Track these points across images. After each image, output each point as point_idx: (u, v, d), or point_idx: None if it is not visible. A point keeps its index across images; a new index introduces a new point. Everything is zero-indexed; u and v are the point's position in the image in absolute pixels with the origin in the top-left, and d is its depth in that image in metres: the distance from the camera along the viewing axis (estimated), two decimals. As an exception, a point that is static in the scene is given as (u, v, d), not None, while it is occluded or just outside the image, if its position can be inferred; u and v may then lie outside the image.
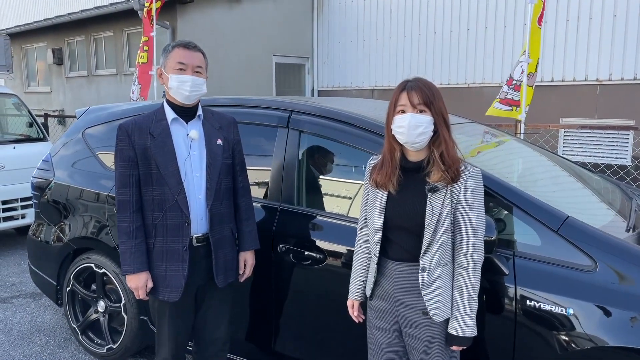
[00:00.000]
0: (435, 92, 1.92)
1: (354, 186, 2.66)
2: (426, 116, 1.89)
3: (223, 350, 2.55)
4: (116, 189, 2.29)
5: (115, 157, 2.29)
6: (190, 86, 2.22)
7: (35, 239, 3.73)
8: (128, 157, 2.25)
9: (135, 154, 2.24)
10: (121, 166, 2.26)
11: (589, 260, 1.99)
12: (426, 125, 1.88)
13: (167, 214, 2.25)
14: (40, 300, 4.37)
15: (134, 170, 2.26)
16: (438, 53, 9.18)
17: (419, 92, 1.89)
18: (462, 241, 1.90)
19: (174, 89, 2.24)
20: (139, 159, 2.25)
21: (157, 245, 2.28)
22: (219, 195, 2.35)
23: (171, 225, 2.26)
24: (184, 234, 2.26)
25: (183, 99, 2.26)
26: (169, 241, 2.27)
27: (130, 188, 2.26)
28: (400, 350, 2.06)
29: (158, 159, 2.23)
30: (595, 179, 3.22)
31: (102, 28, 10.57)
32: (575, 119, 7.72)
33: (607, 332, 1.90)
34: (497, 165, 2.77)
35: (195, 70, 2.25)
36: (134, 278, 2.27)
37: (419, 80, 1.95)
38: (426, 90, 1.90)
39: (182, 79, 2.22)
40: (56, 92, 12.35)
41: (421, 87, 1.91)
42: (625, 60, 7.32)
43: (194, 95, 2.26)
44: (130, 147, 2.24)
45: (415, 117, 1.88)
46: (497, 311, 2.09)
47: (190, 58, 2.25)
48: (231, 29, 9.36)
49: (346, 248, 2.43)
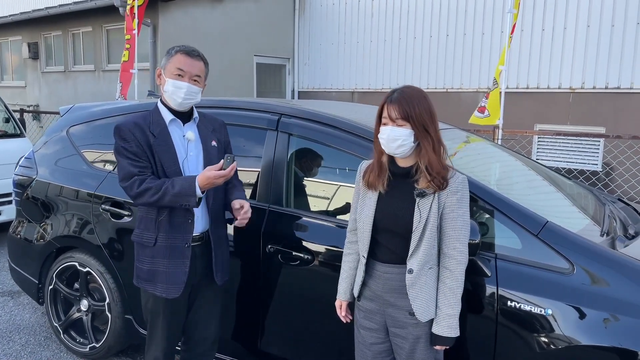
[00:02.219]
0: (416, 105, 1.94)
1: (342, 189, 2.72)
2: (405, 129, 1.94)
3: (212, 350, 2.58)
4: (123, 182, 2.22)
5: (119, 155, 2.25)
6: (185, 93, 2.25)
7: (15, 236, 3.69)
8: (135, 152, 2.22)
9: (143, 150, 2.23)
10: (128, 161, 2.21)
11: (567, 263, 2.09)
12: (404, 139, 1.94)
13: (173, 211, 2.27)
14: (18, 299, 4.32)
15: (144, 161, 2.22)
16: (417, 58, 9.33)
17: (398, 106, 1.94)
18: (447, 245, 1.98)
19: (168, 93, 2.27)
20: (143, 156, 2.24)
21: (160, 241, 2.30)
22: (216, 196, 2.40)
23: (174, 221, 2.28)
24: (187, 231, 2.30)
25: (176, 105, 2.29)
26: (172, 237, 2.29)
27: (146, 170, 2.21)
28: (386, 349, 2.13)
29: (162, 157, 2.25)
30: (570, 185, 3.35)
31: (81, 23, 10.41)
32: (548, 125, 7.94)
33: (582, 332, 2.00)
34: (476, 169, 2.86)
35: (193, 78, 2.27)
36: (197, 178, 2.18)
37: (404, 91, 1.98)
38: (405, 104, 1.93)
39: (178, 85, 2.24)
40: (31, 86, 12.10)
41: (401, 100, 1.95)
42: (597, 69, 7.57)
43: (186, 103, 2.29)
44: (136, 144, 2.22)
45: (393, 130, 1.95)
46: (479, 311, 2.18)
47: (190, 66, 2.26)
48: (213, 29, 9.34)
49: (334, 249, 2.49)
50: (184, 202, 2.16)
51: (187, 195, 2.15)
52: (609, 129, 7.24)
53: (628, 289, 2.01)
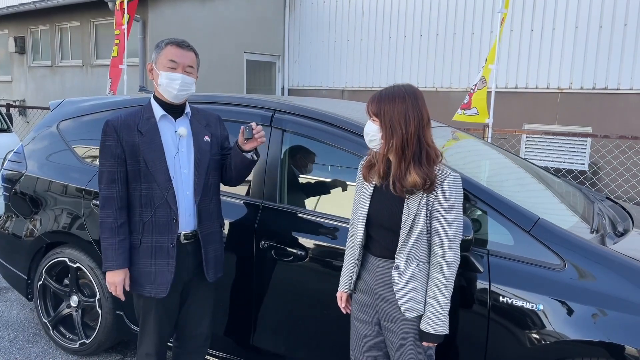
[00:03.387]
0: (389, 104, 1.96)
1: (336, 185, 2.73)
2: (374, 125, 2.00)
3: (204, 346, 2.58)
4: (101, 185, 2.27)
5: (101, 153, 2.27)
6: (180, 84, 2.24)
7: (4, 232, 3.65)
8: (115, 154, 2.24)
9: (123, 150, 2.24)
10: (108, 162, 2.25)
11: (558, 259, 2.12)
12: (373, 134, 2.00)
13: (156, 211, 2.26)
14: (6, 295, 4.28)
15: (120, 167, 2.25)
16: (407, 57, 9.37)
17: (372, 103, 2.01)
18: (437, 243, 1.99)
19: (163, 86, 2.25)
20: (127, 156, 2.24)
21: (145, 241, 2.28)
22: (207, 192, 2.38)
23: (159, 221, 2.27)
24: (171, 231, 2.28)
25: (171, 98, 2.27)
26: (157, 238, 2.28)
27: (116, 185, 2.25)
28: (379, 342, 2.15)
29: (147, 156, 2.24)
30: (559, 183, 3.39)
31: (69, 18, 10.31)
32: (536, 124, 8.02)
33: (573, 327, 2.03)
34: (467, 166, 2.89)
35: (185, 69, 2.26)
36: (113, 274, 2.27)
37: (388, 89, 2.02)
38: (378, 101, 1.99)
39: (172, 77, 2.23)
40: (17, 81, 11.96)
41: (377, 98, 2.00)
42: (585, 70, 7.66)
43: (182, 94, 2.27)
44: (117, 144, 2.23)
45: (368, 125, 2.03)
46: (471, 307, 2.20)
47: (182, 57, 2.26)
48: (203, 25, 9.30)
49: (328, 245, 2.50)
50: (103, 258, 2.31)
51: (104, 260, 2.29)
52: (596, 129, 7.33)
53: (617, 285, 2.04)
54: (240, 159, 2.35)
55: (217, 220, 2.46)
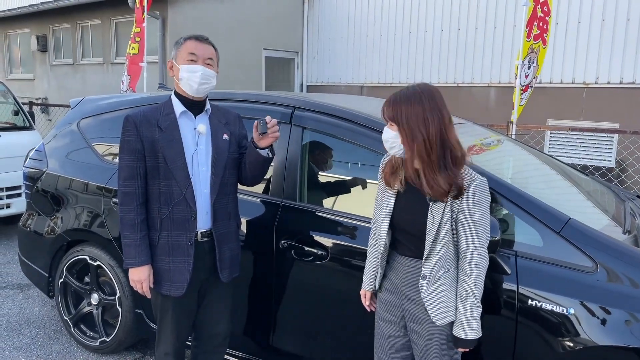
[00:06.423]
0: (405, 107, 1.85)
1: (356, 183, 2.67)
2: (392, 131, 1.89)
3: (223, 345, 2.55)
4: (120, 181, 2.26)
5: (121, 148, 2.26)
6: (201, 77, 2.21)
7: (26, 229, 3.67)
8: (135, 149, 2.23)
9: (143, 146, 2.22)
10: (128, 158, 2.23)
11: (590, 261, 2.04)
12: (393, 140, 1.90)
13: (175, 208, 2.24)
14: (28, 292, 4.31)
15: (140, 162, 2.23)
16: (428, 52, 9.24)
17: (387, 106, 1.90)
18: (464, 249, 1.91)
19: (184, 80, 2.22)
20: (146, 152, 2.23)
21: (162, 239, 2.26)
22: (224, 190, 2.34)
23: (177, 219, 2.25)
24: (190, 228, 2.25)
25: (193, 92, 2.24)
26: (175, 235, 2.25)
27: (136, 180, 2.24)
28: (405, 343, 2.09)
29: (166, 153, 2.21)
30: (587, 181, 3.28)
31: (89, 16, 10.39)
32: (561, 120, 7.84)
33: (606, 332, 1.95)
34: (495, 166, 2.81)
35: (206, 62, 2.24)
36: (137, 271, 2.25)
37: (402, 90, 1.90)
38: (393, 104, 1.87)
39: (192, 69, 2.20)
40: (40, 79, 12.12)
41: (392, 101, 1.88)
42: (611, 64, 7.46)
43: (203, 87, 2.24)
44: (137, 139, 2.22)
45: (386, 131, 1.92)
46: (498, 310, 2.13)
47: (201, 50, 2.23)
48: (222, 22, 9.29)
49: (349, 245, 2.44)
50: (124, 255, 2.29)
51: (126, 257, 2.27)
52: (623, 125, 7.13)
53: (653, 289, 1.95)
54: (255, 156, 2.31)
55: (234, 219, 2.43)
